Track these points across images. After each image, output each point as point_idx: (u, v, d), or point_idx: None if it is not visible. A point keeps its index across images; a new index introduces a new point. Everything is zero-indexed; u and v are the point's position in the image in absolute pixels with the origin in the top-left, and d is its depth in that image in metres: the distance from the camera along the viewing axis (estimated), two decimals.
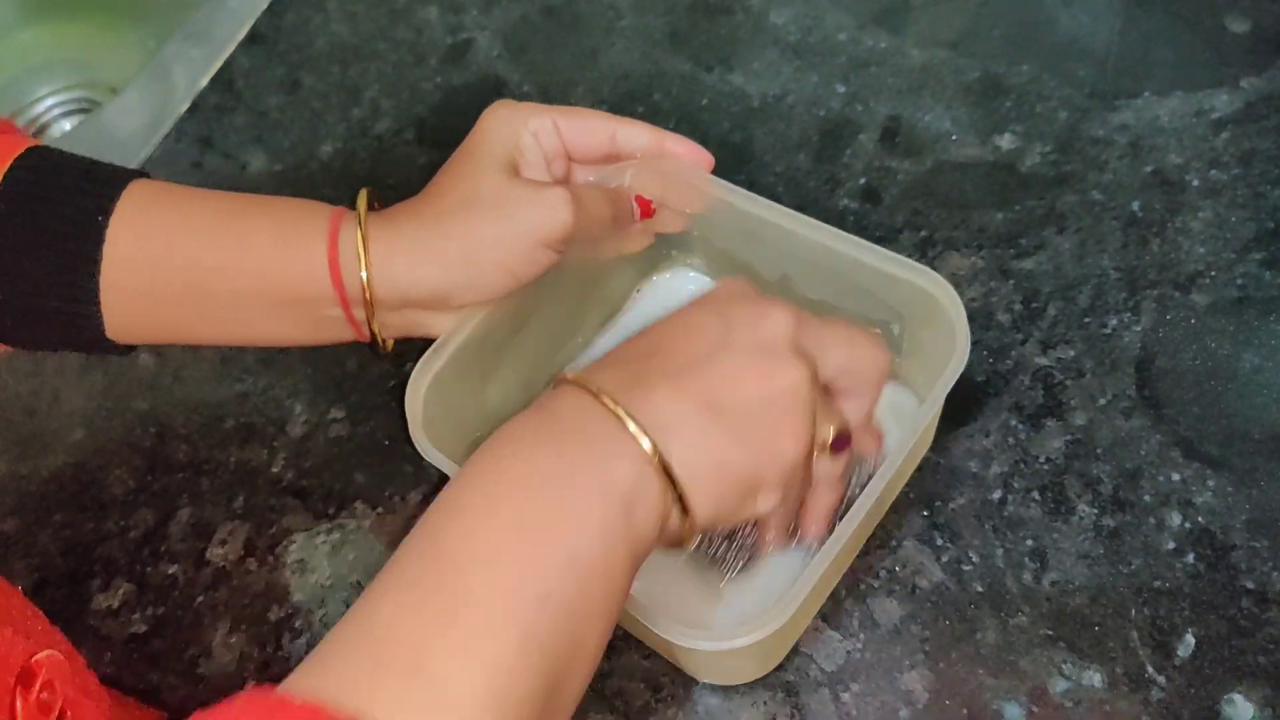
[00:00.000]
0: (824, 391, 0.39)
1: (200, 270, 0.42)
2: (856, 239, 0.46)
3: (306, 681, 0.29)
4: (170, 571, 0.52)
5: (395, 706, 0.27)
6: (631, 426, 0.33)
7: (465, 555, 0.31)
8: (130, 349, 0.45)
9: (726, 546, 0.46)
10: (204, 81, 0.72)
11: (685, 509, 0.34)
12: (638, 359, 0.37)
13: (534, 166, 0.46)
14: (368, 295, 0.42)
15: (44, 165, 0.42)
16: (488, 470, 0.34)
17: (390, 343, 0.47)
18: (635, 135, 0.47)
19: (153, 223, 0.42)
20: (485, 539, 0.31)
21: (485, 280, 0.44)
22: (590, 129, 0.47)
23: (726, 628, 0.43)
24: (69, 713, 0.35)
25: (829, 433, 0.39)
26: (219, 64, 0.73)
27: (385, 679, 0.28)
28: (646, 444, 0.33)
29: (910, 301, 0.46)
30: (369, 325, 0.44)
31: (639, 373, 0.36)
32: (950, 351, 0.43)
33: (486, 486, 0.33)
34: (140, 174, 0.43)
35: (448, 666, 0.28)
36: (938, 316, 0.45)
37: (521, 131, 0.45)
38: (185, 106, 0.70)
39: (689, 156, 0.48)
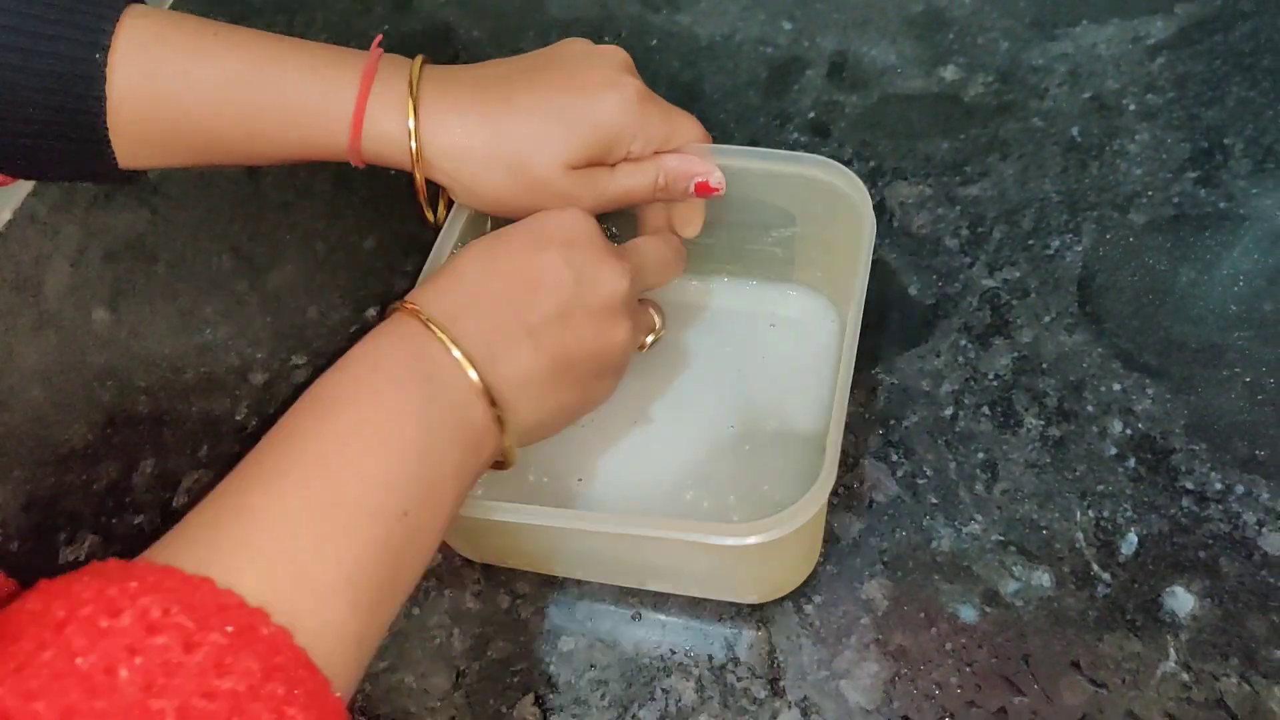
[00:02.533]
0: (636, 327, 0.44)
1: (213, 130, 0.41)
2: (737, 148, 0.47)
3: (166, 553, 0.29)
4: (136, 522, 0.52)
5: (256, 578, 0.28)
6: (490, 400, 0.37)
7: (339, 463, 0.33)
8: (141, 174, 0.44)
9: None
10: None
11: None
12: (494, 305, 0.38)
13: (605, 162, 0.45)
14: (418, 176, 0.42)
15: None
16: (362, 389, 0.35)
17: (443, 211, 0.47)
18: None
19: (159, 68, 0.40)
20: (359, 454, 0.33)
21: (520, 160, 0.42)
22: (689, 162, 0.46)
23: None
24: None
25: (646, 340, 0.47)
26: None
27: (249, 555, 0.29)
28: (504, 412, 0.38)
29: (803, 195, 0.48)
30: (421, 198, 0.44)
31: (501, 325, 0.38)
32: (858, 230, 0.45)
33: (363, 403, 0.35)
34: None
35: (311, 555, 0.30)
36: (837, 200, 0.47)
37: (624, 145, 0.44)
38: None
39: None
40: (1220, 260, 0.53)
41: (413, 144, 0.41)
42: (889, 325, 0.53)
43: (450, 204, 0.48)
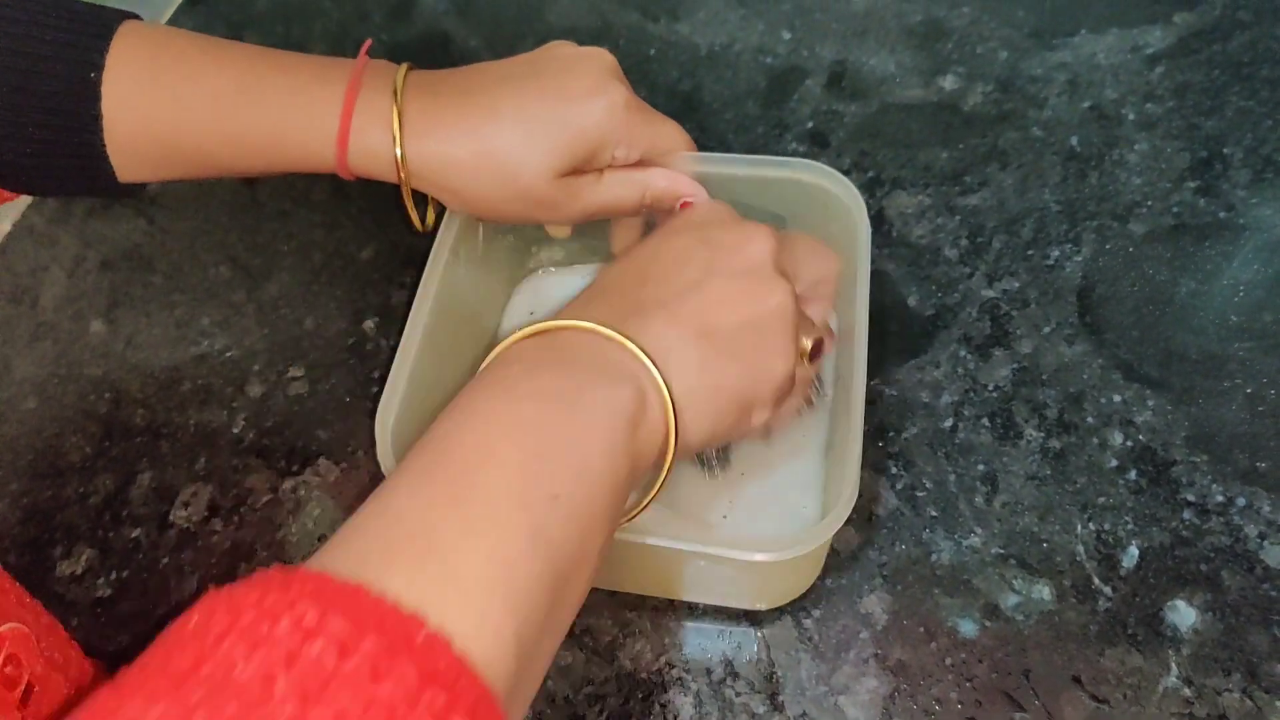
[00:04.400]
0: (798, 302, 0.41)
1: (205, 150, 0.42)
2: (725, 155, 0.47)
3: (320, 561, 0.29)
4: (133, 535, 0.52)
5: (406, 581, 0.27)
6: (634, 349, 0.35)
7: (478, 454, 0.31)
8: (144, 186, 0.45)
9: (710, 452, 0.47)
10: None
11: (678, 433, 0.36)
12: (628, 289, 0.38)
13: (590, 169, 0.44)
14: (403, 175, 0.42)
15: (19, 14, 0.39)
16: (496, 382, 0.34)
17: (431, 217, 0.48)
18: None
19: (149, 90, 0.40)
20: (498, 441, 0.32)
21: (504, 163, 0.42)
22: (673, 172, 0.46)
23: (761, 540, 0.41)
24: (36, 687, 0.35)
25: (808, 344, 0.41)
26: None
27: (397, 558, 0.28)
28: (649, 364, 0.35)
29: (796, 200, 0.48)
30: (408, 207, 0.44)
31: (634, 303, 0.37)
32: (853, 234, 0.45)
33: (497, 395, 0.33)
34: (126, 15, 0.42)
35: (459, 550, 0.29)
36: (831, 204, 0.47)
37: (608, 150, 0.43)
38: None
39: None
40: (1220, 270, 0.53)
41: (397, 150, 0.41)
42: (888, 336, 0.53)
43: (439, 209, 0.48)
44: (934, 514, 0.48)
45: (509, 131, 0.42)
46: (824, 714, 0.44)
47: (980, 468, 0.49)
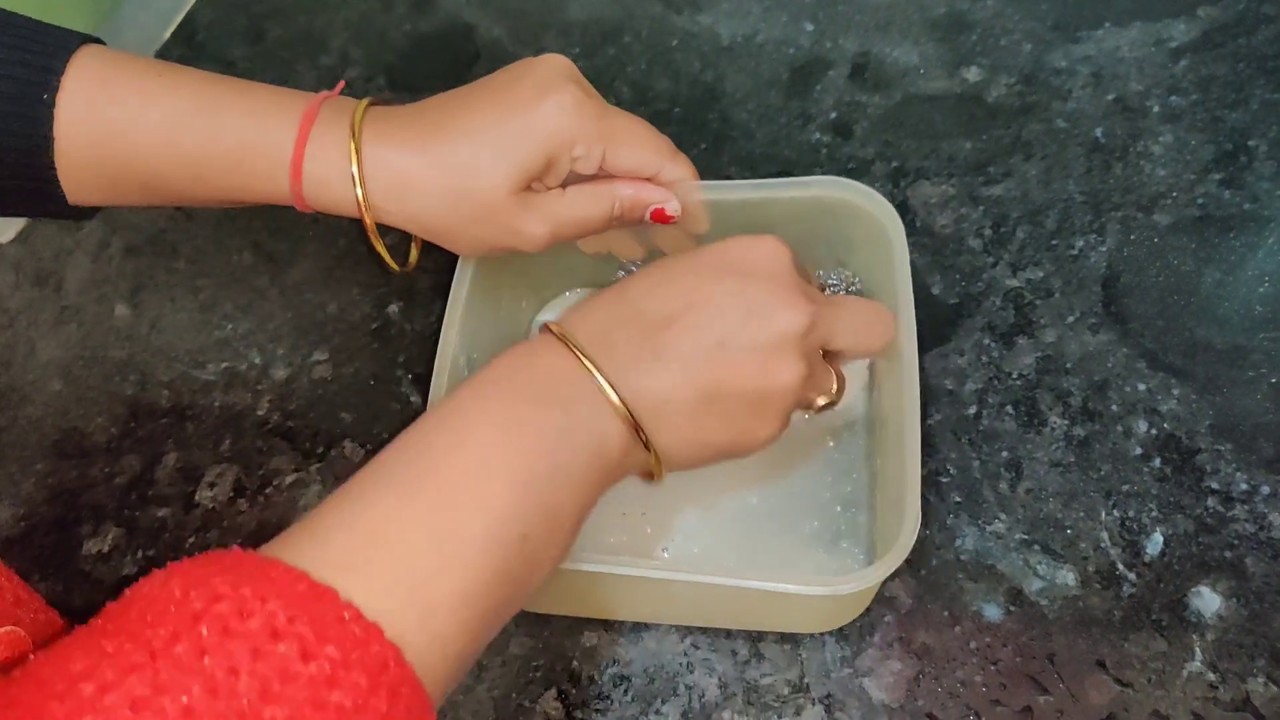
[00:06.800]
0: (823, 357, 0.41)
1: (158, 172, 0.41)
2: (735, 182, 0.47)
3: (296, 551, 0.30)
4: (160, 515, 0.52)
5: (373, 594, 0.29)
6: (627, 413, 0.36)
7: (466, 481, 0.33)
8: (95, 211, 0.44)
9: None
10: (166, 33, 0.71)
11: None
12: (654, 322, 0.37)
13: (553, 180, 0.43)
14: (368, 220, 0.41)
15: None
16: (497, 397, 0.35)
17: (414, 255, 0.48)
18: (680, 173, 0.44)
19: (103, 111, 0.40)
20: (489, 475, 0.33)
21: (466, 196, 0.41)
22: (639, 164, 0.43)
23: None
24: None
25: (819, 401, 0.42)
26: (181, 16, 0.72)
27: (367, 569, 0.30)
28: (639, 433, 0.37)
29: (820, 217, 0.48)
30: (377, 246, 0.43)
31: (654, 347, 0.37)
32: (889, 250, 0.45)
33: (495, 416, 0.34)
34: (86, 38, 0.41)
35: (428, 575, 0.31)
36: (866, 222, 0.47)
37: (565, 153, 0.41)
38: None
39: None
40: (1245, 261, 0.53)
41: (358, 191, 0.40)
42: None
43: (420, 247, 0.47)
44: (958, 500, 0.48)
45: (459, 146, 0.40)
46: (849, 696, 0.44)
47: (1004, 454, 0.49)
